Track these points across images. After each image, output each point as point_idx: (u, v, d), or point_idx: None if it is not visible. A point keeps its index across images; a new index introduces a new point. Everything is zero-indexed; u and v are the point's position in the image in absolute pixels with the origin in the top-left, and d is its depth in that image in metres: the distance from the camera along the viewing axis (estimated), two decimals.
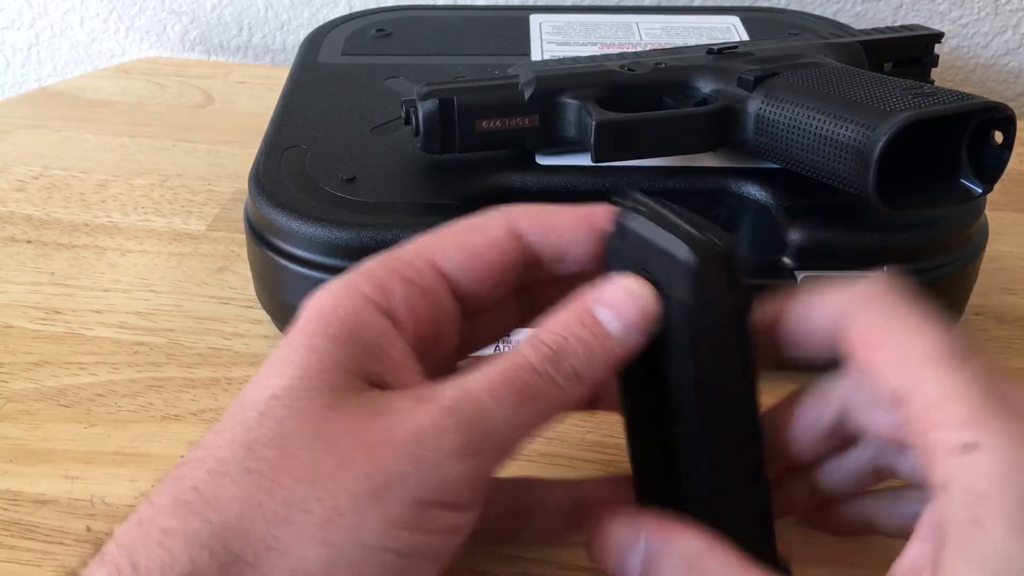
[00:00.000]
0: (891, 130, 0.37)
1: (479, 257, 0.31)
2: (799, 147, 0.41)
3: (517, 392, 0.27)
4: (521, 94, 0.43)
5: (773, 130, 0.42)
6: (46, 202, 0.60)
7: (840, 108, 0.40)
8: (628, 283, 0.29)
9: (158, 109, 0.72)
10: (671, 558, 0.29)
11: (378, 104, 0.53)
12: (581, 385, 0.29)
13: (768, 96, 0.42)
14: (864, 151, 0.38)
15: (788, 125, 0.41)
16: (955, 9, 0.77)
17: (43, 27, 0.87)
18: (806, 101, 0.41)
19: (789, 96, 0.42)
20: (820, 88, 0.42)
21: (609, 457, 0.42)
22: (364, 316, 0.29)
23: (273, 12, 0.83)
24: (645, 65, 0.46)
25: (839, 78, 0.42)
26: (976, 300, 0.47)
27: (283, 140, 0.49)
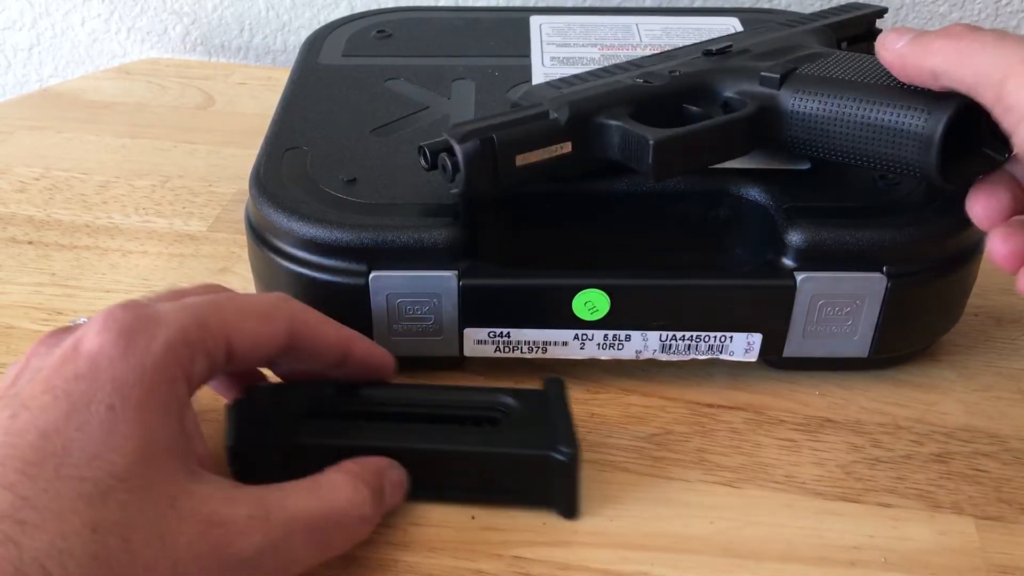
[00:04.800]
0: (952, 109, 0.38)
1: (261, 347, 0.34)
2: (843, 137, 0.41)
3: (325, 538, 0.32)
4: (556, 122, 0.42)
5: (812, 124, 0.42)
6: (47, 203, 0.60)
7: (882, 95, 0.40)
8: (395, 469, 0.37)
9: (159, 110, 0.72)
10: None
11: (379, 105, 0.53)
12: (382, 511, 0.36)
13: (799, 91, 0.42)
14: (924, 134, 0.38)
15: (829, 118, 0.41)
16: (955, 11, 0.77)
17: (44, 28, 0.87)
18: (843, 92, 0.41)
19: (823, 89, 0.42)
20: (849, 77, 0.42)
21: (610, 457, 0.42)
22: (180, 391, 0.30)
23: (274, 13, 0.83)
24: (660, 76, 0.45)
25: (855, 65, 0.42)
26: (975, 300, 0.47)
27: (284, 141, 0.49)
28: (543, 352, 0.44)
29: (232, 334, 0.32)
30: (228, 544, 0.28)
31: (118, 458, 0.27)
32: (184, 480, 0.28)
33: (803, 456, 0.42)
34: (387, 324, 0.43)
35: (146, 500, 0.27)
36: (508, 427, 0.38)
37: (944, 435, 0.43)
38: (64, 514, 0.26)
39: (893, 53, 0.38)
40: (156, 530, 0.27)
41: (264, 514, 0.29)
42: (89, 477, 0.26)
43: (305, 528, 0.31)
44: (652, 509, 0.39)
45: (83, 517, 0.26)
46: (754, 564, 0.37)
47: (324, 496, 0.32)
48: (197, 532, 0.27)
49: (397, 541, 0.38)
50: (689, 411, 0.44)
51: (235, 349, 0.33)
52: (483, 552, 0.37)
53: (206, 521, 0.28)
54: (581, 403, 0.45)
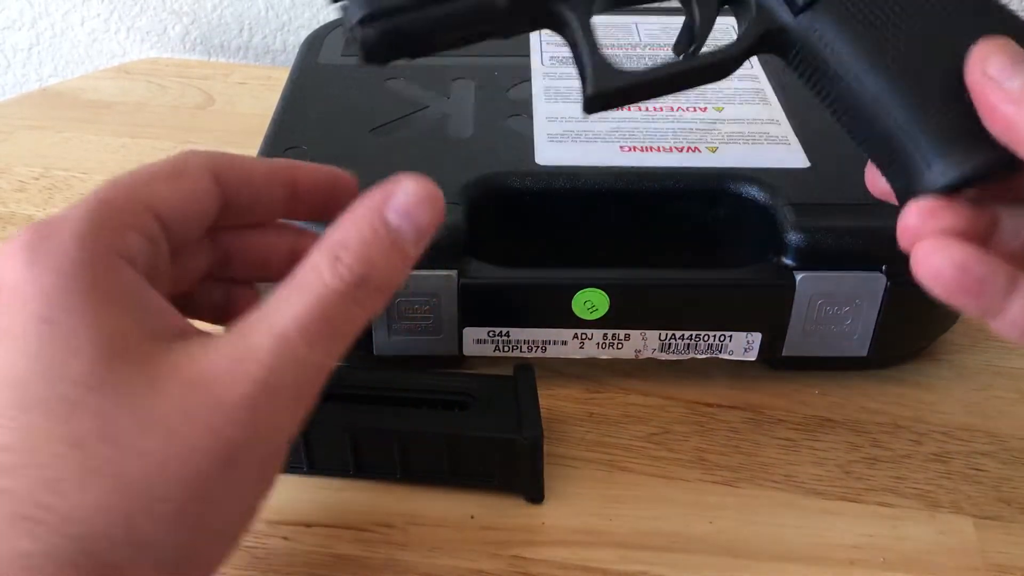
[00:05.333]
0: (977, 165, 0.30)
1: (189, 203, 0.31)
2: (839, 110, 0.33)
3: (329, 330, 0.27)
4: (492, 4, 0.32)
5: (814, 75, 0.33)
6: (47, 203, 0.60)
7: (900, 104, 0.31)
8: (415, 186, 0.30)
9: (159, 110, 0.72)
10: None
11: (378, 105, 0.53)
12: (384, 296, 0.29)
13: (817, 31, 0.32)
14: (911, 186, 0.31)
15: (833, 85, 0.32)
16: None
17: (44, 27, 0.87)
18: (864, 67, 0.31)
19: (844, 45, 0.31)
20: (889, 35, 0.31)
21: (610, 457, 0.42)
22: (123, 274, 0.27)
23: (274, 13, 0.83)
24: None
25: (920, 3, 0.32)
26: None
27: (284, 141, 0.49)
28: (542, 351, 0.44)
29: (151, 200, 0.30)
30: (221, 395, 0.26)
31: (77, 364, 0.25)
32: (159, 356, 0.26)
33: (802, 456, 0.42)
34: (387, 323, 0.43)
35: (122, 394, 0.25)
36: (476, 411, 0.39)
37: (943, 435, 0.43)
38: (41, 444, 0.24)
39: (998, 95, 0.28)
40: (141, 417, 0.25)
41: (247, 349, 0.26)
42: (54, 396, 0.25)
43: (301, 333, 0.27)
44: (652, 509, 0.39)
45: (62, 437, 0.24)
46: (754, 564, 0.37)
47: (305, 288, 0.28)
48: (182, 398, 0.25)
49: (397, 541, 0.38)
50: (688, 410, 0.44)
51: (164, 215, 0.30)
52: (483, 552, 0.37)
53: (188, 384, 0.26)
54: (580, 403, 0.45)
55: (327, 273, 0.28)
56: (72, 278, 0.26)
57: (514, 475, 0.39)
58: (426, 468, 0.40)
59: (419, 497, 0.39)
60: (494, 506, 0.39)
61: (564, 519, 0.39)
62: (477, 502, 0.39)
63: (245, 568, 0.37)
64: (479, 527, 0.38)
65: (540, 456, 0.38)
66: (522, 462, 0.38)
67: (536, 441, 0.38)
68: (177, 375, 0.26)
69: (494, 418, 0.39)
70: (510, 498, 0.40)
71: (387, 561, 0.37)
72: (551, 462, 0.40)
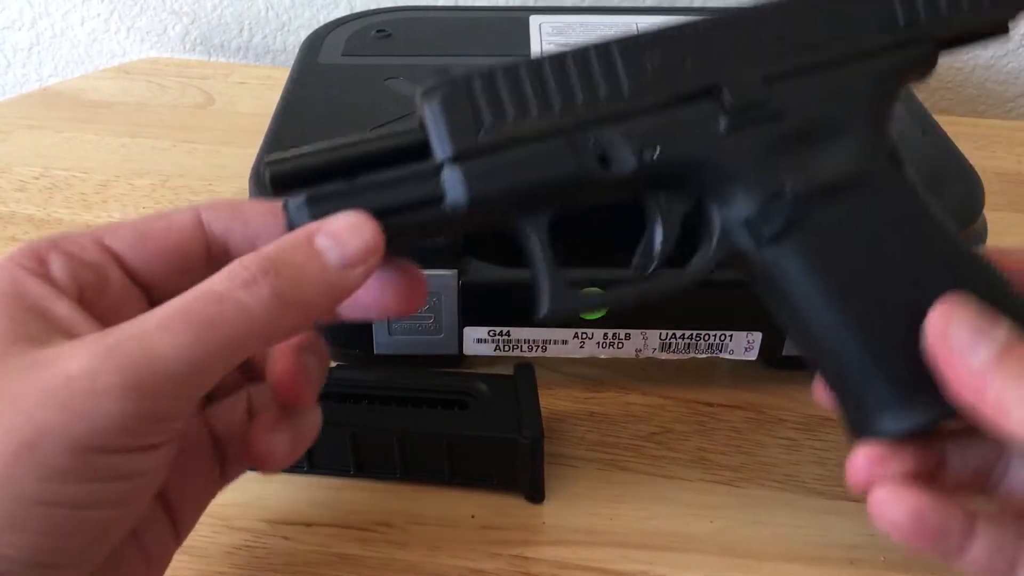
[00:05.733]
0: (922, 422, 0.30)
1: (153, 239, 0.31)
2: (795, 337, 0.33)
3: (194, 322, 0.26)
4: (445, 214, 0.31)
5: (773, 302, 0.33)
6: (47, 202, 0.60)
7: (854, 344, 0.31)
8: (350, 216, 0.29)
9: (159, 110, 0.72)
10: None
11: (378, 104, 0.53)
12: (286, 309, 0.27)
13: (778, 265, 0.32)
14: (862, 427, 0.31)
15: (791, 315, 0.32)
16: None
17: (44, 27, 0.87)
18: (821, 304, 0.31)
19: (803, 279, 0.31)
20: (848, 272, 0.31)
21: (610, 456, 0.42)
22: (20, 284, 0.28)
23: (274, 13, 0.83)
24: (624, 152, 0.32)
25: (879, 241, 0.31)
26: None
27: (284, 141, 0.49)
28: (543, 351, 0.44)
29: (106, 234, 0.31)
30: (45, 374, 0.25)
31: None
32: (20, 347, 0.26)
33: (803, 455, 0.42)
34: (387, 323, 0.43)
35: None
36: (476, 411, 0.39)
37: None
38: None
39: (963, 367, 0.28)
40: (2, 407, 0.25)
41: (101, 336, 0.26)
42: None
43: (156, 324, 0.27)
44: (652, 508, 0.39)
45: None
46: (754, 563, 0.37)
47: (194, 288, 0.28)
48: (16, 378, 0.25)
49: (397, 540, 0.38)
50: (689, 410, 0.44)
51: (115, 246, 0.31)
52: (483, 551, 0.37)
53: (30, 365, 0.26)
54: (581, 402, 0.45)
55: (221, 272, 0.28)
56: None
57: (514, 475, 0.39)
58: (426, 468, 0.40)
59: (419, 497, 0.39)
60: (494, 506, 0.39)
61: (564, 519, 0.39)
62: (477, 502, 0.39)
63: (245, 568, 0.37)
64: (479, 527, 0.38)
65: (540, 456, 0.38)
66: (522, 462, 0.38)
67: (536, 441, 0.38)
68: (20, 362, 0.26)
69: (494, 418, 0.39)
70: (510, 498, 0.40)
71: (387, 561, 0.37)
72: (551, 462, 0.40)
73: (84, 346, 0.26)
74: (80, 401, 0.25)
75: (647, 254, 0.33)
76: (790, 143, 0.32)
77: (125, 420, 0.25)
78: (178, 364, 0.26)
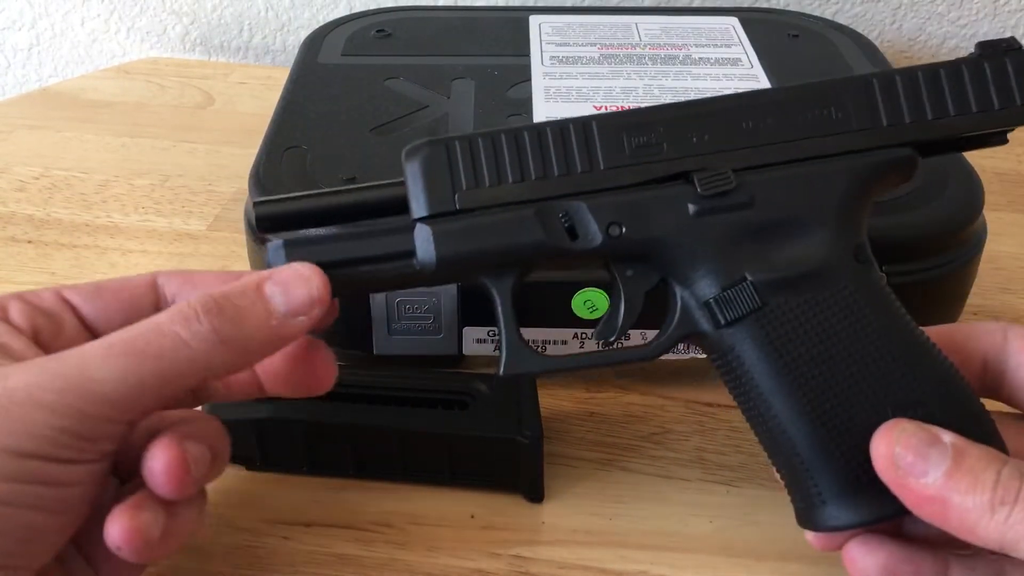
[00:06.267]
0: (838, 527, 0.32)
1: (108, 293, 0.34)
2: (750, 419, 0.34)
3: (132, 352, 0.28)
4: (415, 269, 0.33)
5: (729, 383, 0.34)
6: (47, 202, 0.60)
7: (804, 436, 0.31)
8: (301, 267, 0.31)
9: (159, 109, 0.72)
10: None
11: (378, 104, 0.53)
12: (224, 348, 0.29)
13: (736, 349, 0.32)
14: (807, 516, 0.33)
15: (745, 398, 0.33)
16: (953, 10, 0.77)
17: (44, 27, 0.87)
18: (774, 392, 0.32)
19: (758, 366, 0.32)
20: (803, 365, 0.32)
21: (610, 456, 0.42)
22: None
23: (273, 13, 0.83)
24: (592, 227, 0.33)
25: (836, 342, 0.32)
26: (974, 300, 0.47)
27: (283, 140, 0.49)
28: (542, 351, 0.44)
29: (65, 288, 0.34)
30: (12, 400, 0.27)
31: None
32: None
33: None
34: (386, 323, 0.43)
35: None
36: (476, 411, 0.39)
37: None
38: None
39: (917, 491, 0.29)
40: None
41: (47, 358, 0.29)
42: None
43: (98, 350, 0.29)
44: (652, 508, 0.39)
45: None
46: (753, 563, 0.37)
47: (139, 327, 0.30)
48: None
49: (396, 540, 0.38)
50: (689, 410, 0.44)
51: (71, 297, 0.33)
52: (482, 551, 0.37)
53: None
54: (580, 402, 0.45)
55: (171, 308, 0.30)
56: None
57: (514, 475, 0.39)
58: (426, 468, 0.40)
59: (419, 497, 0.39)
60: (494, 506, 0.39)
61: (564, 519, 0.39)
62: (477, 502, 0.39)
63: (245, 568, 0.37)
64: (479, 527, 0.38)
65: (540, 456, 0.38)
66: (522, 462, 0.38)
67: (536, 441, 0.38)
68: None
69: (494, 418, 0.39)
70: (510, 498, 0.40)
71: (387, 561, 0.37)
72: (551, 462, 0.40)
73: (27, 366, 0.29)
74: (17, 408, 0.27)
75: (610, 324, 0.34)
76: (756, 233, 0.33)
77: (56, 432, 0.27)
78: (112, 388, 0.28)
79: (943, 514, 0.28)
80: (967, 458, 0.28)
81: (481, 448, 0.39)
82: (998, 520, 0.27)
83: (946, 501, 0.28)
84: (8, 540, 0.28)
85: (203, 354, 0.29)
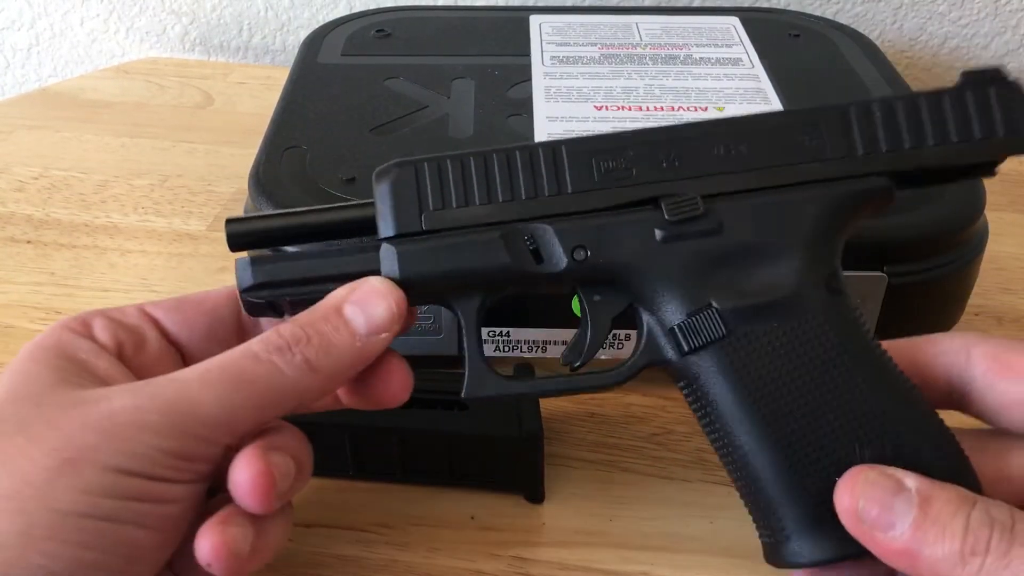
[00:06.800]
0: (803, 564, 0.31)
1: (188, 307, 0.35)
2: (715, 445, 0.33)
3: (231, 378, 0.30)
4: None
5: (695, 409, 0.33)
6: (46, 202, 0.60)
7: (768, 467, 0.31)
8: (377, 284, 0.32)
9: (158, 109, 0.72)
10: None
11: (378, 104, 0.53)
12: (316, 375, 0.30)
13: (700, 377, 0.32)
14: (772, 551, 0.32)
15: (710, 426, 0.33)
16: (954, 10, 0.77)
17: (43, 28, 0.87)
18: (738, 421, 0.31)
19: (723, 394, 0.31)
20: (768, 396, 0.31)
21: (610, 457, 0.42)
22: (65, 341, 0.32)
23: (273, 13, 0.83)
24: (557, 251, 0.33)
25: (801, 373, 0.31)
26: (975, 300, 0.47)
27: (283, 140, 0.49)
28: (543, 351, 0.44)
29: (148, 304, 0.35)
30: (90, 409, 0.28)
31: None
32: (62, 390, 0.30)
33: None
34: None
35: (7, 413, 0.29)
36: (476, 411, 0.39)
37: None
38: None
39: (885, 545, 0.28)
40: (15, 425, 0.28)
41: (146, 384, 0.30)
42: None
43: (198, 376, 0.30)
44: (652, 509, 0.39)
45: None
46: (754, 564, 0.37)
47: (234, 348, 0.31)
48: (59, 413, 0.29)
49: (396, 541, 0.38)
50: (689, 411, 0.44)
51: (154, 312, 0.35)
52: (482, 552, 0.37)
53: (73, 403, 0.29)
54: (581, 403, 0.45)
55: (260, 336, 0.31)
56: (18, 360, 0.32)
57: (514, 475, 0.39)
58: (426, 468, 0.39)
59: (419, 497, 0.39)
60: (494, 506, 0.39)
61: (564, 519, 0.39)
62: (477, 502, 0.39)
63: None
64: (479, 527, 0.38)
65: (540, 456, 0.38)
66: (522, 462, 0.38)
67: (536, 441, 0.38)
68: (62, 401, 0.29)
69: (494, 418, 0.39)
70: (510, 498, 0.39)
71: (387, 562, 0.37)
72: (551, 462, 0.40)
73: (126, 389, 0.29)
74: (122, 429, 0.28)
75: (576, 349, 0.34)
76: (723, 260, 0.32)
77: (157, 452, 0.28)
78: (208, 411, 0.29)
79: (914, 566, 0.27)
80: (933, 504, 0.27)
81: (481, 449, 0.39)
82: (971, 571, 0.26)
83: (915, 554, 0.27)
84: (114, 557, 0.28)
85: (297, 382, 0.30)
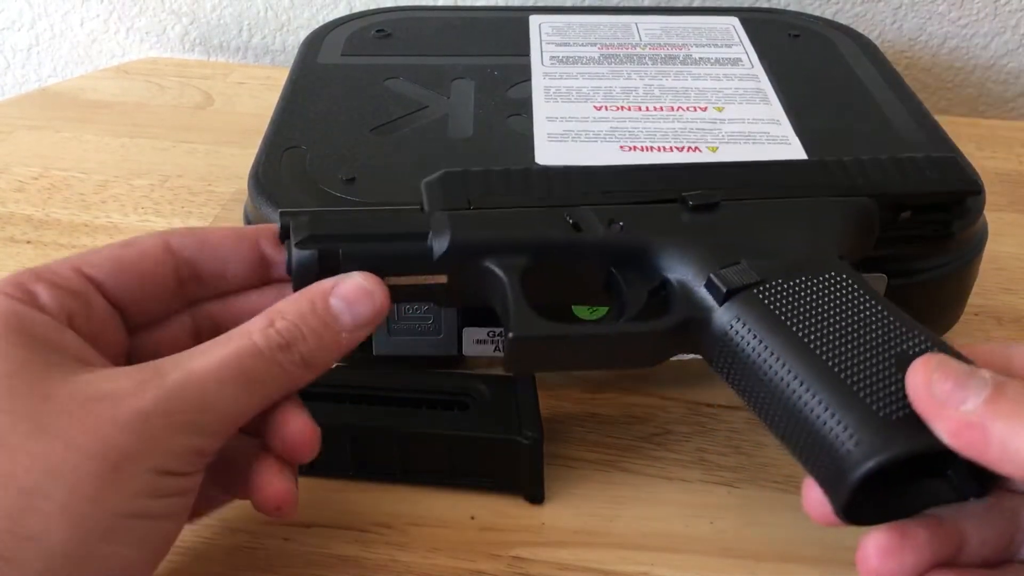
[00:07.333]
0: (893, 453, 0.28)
1: (128, 266, 0.34)
2: (762, 402, 0.32)
3: (244, 380, 0.31)
4: (427, 250, 0.35)
5: (738, 366, 0.33)
6: (46, 203, 0.60)
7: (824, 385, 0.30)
8: (364, 282, 0.33)
9: (158, 110, 0.72)
10: None
11: (378, 104, 0.53)
12: (309, 371, 0.32)
13: (741, 319, 0.33)
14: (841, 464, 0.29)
15: (756, 374, 0.32)
16: (954, 10, 0.77)
17: (43, 28, 0.87)
18: (785, 351, 0.31)
19: (767, 333, 0.32)
20: (811, 331, 0.32)
21: (610, 457, 0.42)
22: (21, 315, 0.30)
23: (273, 13, 0.83)
24: (595, 222, 0.36)
25: (839, 311, 0.32)
26: (976, 300, 0.47)
27: (283, 141, 0.49)
28: None
29: (83, 262, 0.33)
30: (116, 408, 0.28)
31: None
32: (58, 377, 0.29)
33: None
34: (386, 323, 0.43)
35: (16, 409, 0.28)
36: (476, 412, 0.39)
37: None
38: None
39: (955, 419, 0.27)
40: (31, 426, 0.28)
41: (155, 375, 0.30)
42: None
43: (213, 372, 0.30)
44: (652, 509, 0.39)
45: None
46: (754, 564, 0.37)
47: (232, 340, 0.31)
48: (77, 410, 0.28)
49: (396, 541, 0.38)
50: (689, 411, 0.44)
51: (94, 274, 0.33)
52: (482, 552, 0.37)
53: (89, 398, 0.29)
54: (581, 403, 0.45)
55: (257, 333, 0.31)
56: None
57: (514, 475, 0.39)
58: (426, 468, 0.39)
59: (419, 497, 0.39)
60: (494, 506, 0.39)
61: (564, 519, 0.39)
62: (477, 502, 0.39)
63: (245, 568, 0.37)
64: (479, 528, 0.38)
65: (540, 456, 0.38)
66: (522, 462, 0.38)
67: (536, 441, 0.38)
68: (74, 393, 0.29)
69: (494, 418, 0.39)
70: (510, 498, 0.39)
71: (387, 561, 0.37)
72: (551, 462, 0.40)
73: (150, 385, 0.29)
74: (158, 431, 0.29)
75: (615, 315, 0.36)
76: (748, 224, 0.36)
77: (186, 450, 0.30)
78: (230, 410, 0.31)
79: (983, 442, 0.27)
80: (1008, 388, 0.27)
81: (481, 449, 0.39)
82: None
83: (986, 429, 0.26)
84: (151, 552, 0.30)
85: (295, 379, 0.32)
